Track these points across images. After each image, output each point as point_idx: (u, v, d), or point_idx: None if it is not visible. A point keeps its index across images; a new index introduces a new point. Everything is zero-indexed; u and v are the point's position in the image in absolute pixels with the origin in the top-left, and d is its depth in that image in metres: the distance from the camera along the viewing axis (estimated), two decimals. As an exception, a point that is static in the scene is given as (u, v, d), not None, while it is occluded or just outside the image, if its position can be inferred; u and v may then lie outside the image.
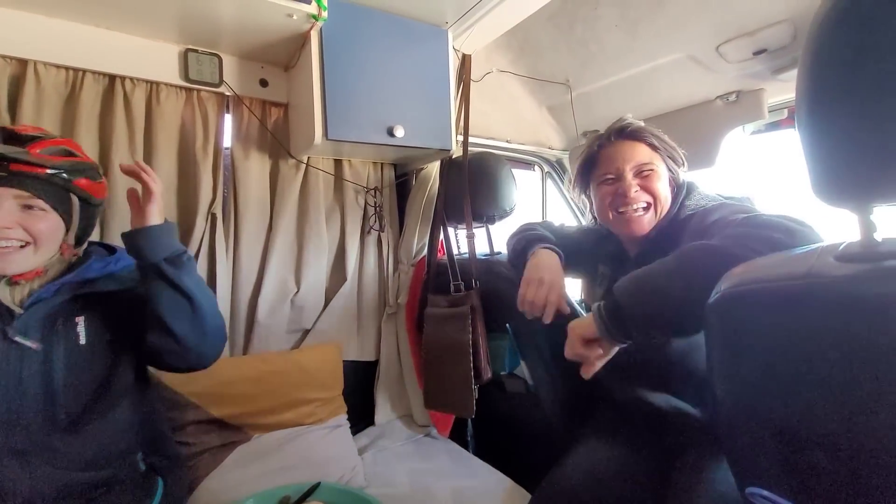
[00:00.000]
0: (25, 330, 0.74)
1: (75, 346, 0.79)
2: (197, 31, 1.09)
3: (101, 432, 0.80)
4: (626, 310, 0.73)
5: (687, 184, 0.99)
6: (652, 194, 0.94)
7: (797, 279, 0.46)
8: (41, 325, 0.76)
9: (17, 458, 0.72)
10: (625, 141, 0.98)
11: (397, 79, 1.19)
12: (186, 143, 1.17)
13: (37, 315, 0.76)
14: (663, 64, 1.43)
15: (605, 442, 1.02)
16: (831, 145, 0.44)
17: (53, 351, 0.76)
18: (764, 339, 0.48)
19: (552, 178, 2.05)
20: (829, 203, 0.46)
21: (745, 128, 1.49)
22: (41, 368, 0.75)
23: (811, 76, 0.45)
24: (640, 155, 0.96)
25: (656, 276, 0.73)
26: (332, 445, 1.24)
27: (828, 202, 0.46)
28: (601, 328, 0.75)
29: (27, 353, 0.74)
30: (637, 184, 0.94)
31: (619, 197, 0.96)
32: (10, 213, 0.72)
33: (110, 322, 0.84)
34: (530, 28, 1.48)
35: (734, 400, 0.55)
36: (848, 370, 0.41)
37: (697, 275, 0.67)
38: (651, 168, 0.95)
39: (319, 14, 1.01)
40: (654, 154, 0.96)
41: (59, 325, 0.78)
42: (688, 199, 0.95)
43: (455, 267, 1.34)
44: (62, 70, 1.02)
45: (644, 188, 0.94)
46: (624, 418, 1.04)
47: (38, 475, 0.73)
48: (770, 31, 1.18)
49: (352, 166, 1.45)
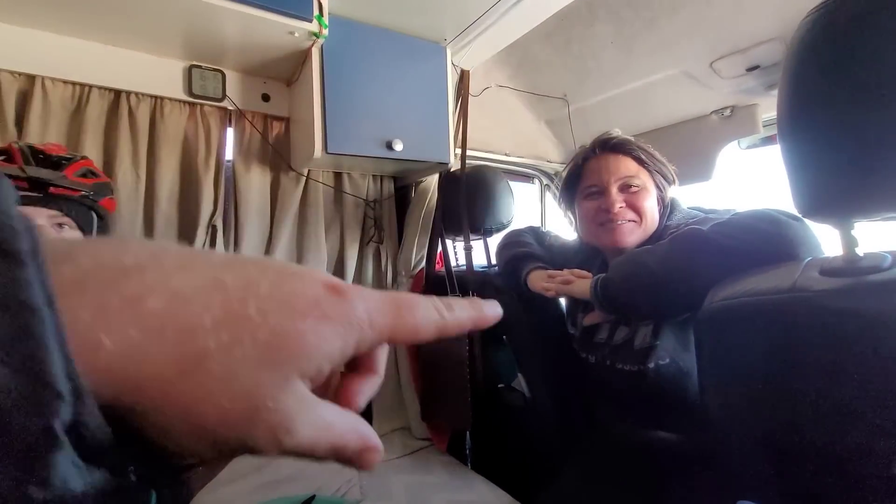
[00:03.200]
0: None
1: None
2: (201, 48, 1.11)
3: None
4: (616, 284, 0.80)
5: (671, 200, 0.96)
6: (638, 211, 0.91)
7: (782, 293, 0.47)
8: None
9: None
10: (610, 154, 0.95)
11: (396, 94, 1.21)
12: (189, 156, 1.19)
13: None
14: (658, 80, 1.45)
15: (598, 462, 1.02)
16: (811, 161, 0.45)
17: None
18: (753, 350, 0.49)
19: (551, 190, 2.07)
20: (811, 218, 0.47)
21: (741, 142, 1.51)
22: None
23: (791, 92, 0.46)
24: (626, 168, 0.93)
25: (648, 257, 0.77)
26: (328, 458, 1.23)
27: (809, 217, 0.47)
28: (593, 295, 0.84)
29: None
30: (623, 199, 0.91)
31: (601, 212, 0.93)
32: (45, 232, 0.75)
33: None
34: (528, 45, 1.51)
35: (725, 412, 0.55)
36: (832, 382, 0.42)
37: (684, 260, 0.71)
38: (637, 184, 0.92)
39: (320, 32, 1.03)
40: (640, 169, 0.93)
41: None
42: (669, 220, 0.93)
43: (453, 279, 1.35)
44: (69, 85, 1.05)
45: (630, 205, 0.91)
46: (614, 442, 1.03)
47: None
48: (762, 49, 1.20)
49: (351, 179, 1.46)
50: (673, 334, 0.85)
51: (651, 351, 0.86)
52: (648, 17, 1.29)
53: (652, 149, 0.96)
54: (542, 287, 0.98)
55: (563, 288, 0.93)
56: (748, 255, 0.62)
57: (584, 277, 0.90)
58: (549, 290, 0.96)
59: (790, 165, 0.46)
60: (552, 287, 0.95)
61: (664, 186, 0.95)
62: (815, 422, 0.44)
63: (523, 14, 1.16)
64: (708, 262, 0.66)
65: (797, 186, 0.46)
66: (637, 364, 0.88)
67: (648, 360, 0.86)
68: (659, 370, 0.85)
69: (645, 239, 0.93)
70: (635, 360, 0.88)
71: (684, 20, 1.25)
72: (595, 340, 0.98)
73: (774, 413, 0.48)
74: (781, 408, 0.47)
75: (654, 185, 0.94)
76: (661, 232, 0.92)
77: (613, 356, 0.93)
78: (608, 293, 0.81)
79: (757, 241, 0.63)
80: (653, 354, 0.86)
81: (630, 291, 0.78)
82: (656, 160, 0.95)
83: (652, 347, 0.86)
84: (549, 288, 0.96)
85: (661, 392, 0.87)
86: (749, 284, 0.52)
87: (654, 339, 0.86)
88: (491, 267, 1.40)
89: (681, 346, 0.85)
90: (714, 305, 0.55)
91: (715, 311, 0.54)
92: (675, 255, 0.72)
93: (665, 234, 0.89)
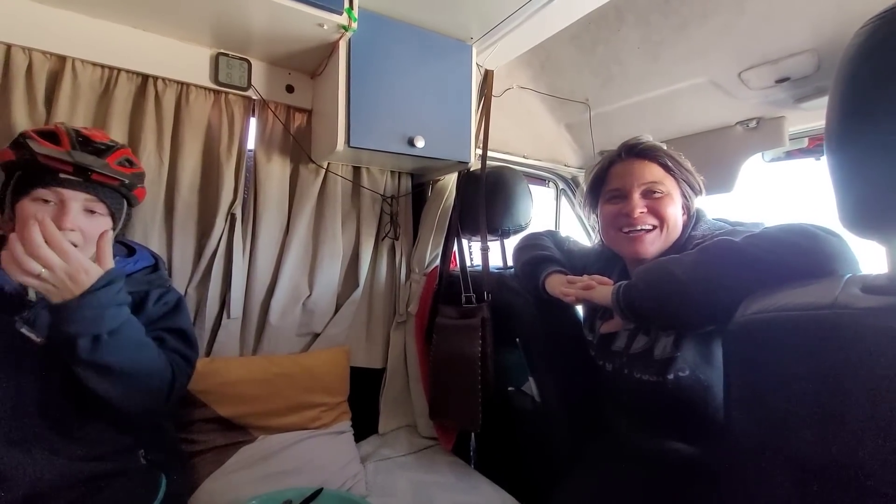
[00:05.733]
0: (33, 322, 0.75)
1: None
2: (229, 36, 1.12)
3: (97, 430, 0.81)
4: (640, 291, 0.78)
5: (696, 211, 0.94)
6: (659, 217, 0.89)
7: (822, 308, 0.46)
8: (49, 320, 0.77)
9: (20, 447, 0.73)
10: (636, 159, 0.94)
11: (421, 91, 1.21)
12: (211, 143, 1.20)
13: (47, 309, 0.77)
14: (684, 87, 1.43)
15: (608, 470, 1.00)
16: (860, 175, 0.44)
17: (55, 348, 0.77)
18: (788, 367, 0.48)
19: (566, 195, 2.06)
20: (855, 234, 0.46)
21: (764, 155, 1.49)
22: (41, 363, 0.76)
23: (842, 104, 0.45)
24: (651, 174, 0.91)
25: (675, 266, 0.75)
26: (335, 451, 1.23)
27: (854, 232, 0.46)
28: (614, 301, 0.81)
29: (30, 345, 0.75)
30: (645, 204, 0.90)
31: (622, 217, 0.92)
32: (77, 216, 0.78)
33: None
34: (552, 47, 1.50)
35: (753, 429, 0.54)
36: (874, 405, 0.41)
37: (714, 270, 0.69)
38: (662, 190, 0.90)
39: (350, 25, 1.03)
40: (667, 176, 0.92)
41: None
42: (695, 230, 0.91)
43: (467, 279, 1.34)
44: (98, 68, 1.05)
45: (651, 210, 0.90)
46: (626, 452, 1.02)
47: (41, 463, 0.73)
48: (794, 60, 1.18)
49: (370, 174, 1.46)
50: (694, 346, 0.84)
51: (671, 362, 0.84)
52: (677, 24, 1.27)
53: (682, 157, 0.94)
54: (562, 292, 0.97)
55: (583, 293, 0.91)
56: (781, 269, 0.60)
57: (606, 284, 0.89)
58: (569, 296, 0.94)
59: (837, 176, 0.45)
60: (572, 293, 0.93)
61: (690, 196, 0.94)
62: (855, 447, 0.43)
63: (552, 15, 1.16)
64: (738, 273, 0.64)
65: (843, 199, 0.45)
66: (656, 374, 0.86)
67: (668, 372, 0.84)
68: (679, 382, 0.84)
69: (667, 248, 0.91)
70: (654, 371, 0.87)
71: (714, 28, 1.23)
72: (612, 348, 0.97)
73: (805, 434, 0.47)
74: (818, 429, 0.46)
75: (679, 193, 0.92)
76: (685, 242, 0.90)
77: (631, 365, 0.92)
78: (630, 300, 0.79)
79: (792, 255, 0.61)
80: (673, 366, 0.84)
81: (653, 299, 0.77)
82: (684, 169, 0.93)
83: (672, 359, 0.84)
84: (568, 293, 0.94)
85: (678, 404, 0.86)
86: (785, 298, 0.51)
87: (675, 349, 0.84)
88: (507, 268, 1.39)
89: (702, 359, 0.84)
90: (746, 318, 0.53)
91: (747, 323, 0.53)
92: (705, 264, 0.71)
93: (689, 244, 0.88)
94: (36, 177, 0.77)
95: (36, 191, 0.77)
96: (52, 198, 0.77)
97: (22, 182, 0.78)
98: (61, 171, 0.77)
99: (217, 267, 1.21)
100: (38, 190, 0.77)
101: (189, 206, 1.17)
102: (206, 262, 1.19)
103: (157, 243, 1.13)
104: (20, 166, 0.78)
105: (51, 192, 0.77)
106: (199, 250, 1.20)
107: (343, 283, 1.45)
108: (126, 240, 0.99)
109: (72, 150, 0.77)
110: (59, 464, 0.75)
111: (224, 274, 1.23)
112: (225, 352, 1.25)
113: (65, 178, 0.77)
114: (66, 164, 0.77)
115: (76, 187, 0.78)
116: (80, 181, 0.78)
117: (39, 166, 0.76)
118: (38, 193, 0.77)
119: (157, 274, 0.94)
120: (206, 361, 1.18)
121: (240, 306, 1.26)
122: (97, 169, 0.79)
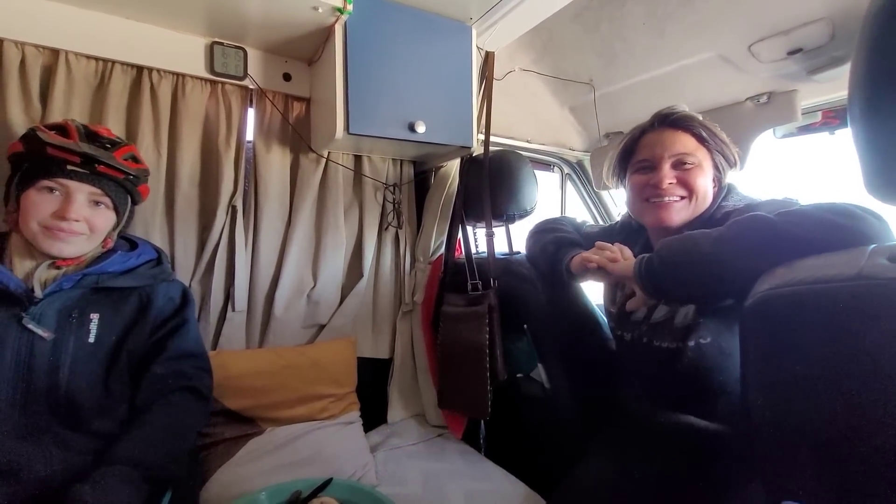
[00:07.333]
0: (40, 318, 0.76)
1: (84, 343, 0.80)
2: (223, 24, 1.10)
3: (106, 424, 0.82)
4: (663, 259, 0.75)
5: (728, 184, 0.91)
6: (688, 188, 0.86)
7: (846, 280, 0.43)
8: (56, 316, 0.78)
9: (30, 440, 0.74)
10: (668, 129, 0.89)
11: (420, 74, 1.18)
12: (210, 135, 1.18)
13: (54, 305, 0.78)
14: (692, 64, 1.39)
15: (622, 452, 0.99)
16: (887, 140, 0.41)
17: (63, 343, 0.78)
18: (810, 346, 0.45)
19: (572, 179, 2.02)
20: (883, 200, 0.43)
21: (776, 131, 1.44)
22: (49, 359, 0.77)
23: (867, 69, 0.42)
24: (683, 145, 0.87)
25: (701, 237, 0.72)
26: (344, 442, 1.23)
27: (882, 199, 0.43)
28: (636, 272, 0.79)
29: (38, 341, 0.76)
30: (674, 175, 0.86)
31: (649, 187, 0.88)
32: (82, 207, 0.80)
33: (120, 322, 0.86)
34: (554, 26, 1.46)
35: (770, 411, 0.52)
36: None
37: (744, 244, 0.66)
38: (693, 161, 0.86)
39: (345, 7, 1.00)
40: (700, 147, 0.87)
41: (74, 319, 0.80)
42: (725, 200, 0.87)
43: (473, 266, 1.32)
44: (92, 60, 1.04)
45: (681, 181, 0.86)
46: (641, 429, 1.00)
47: (51, 456, 0.74)
48: (806, 30, 1.13)
49: (371, 162, 1.44)
50: (717, 314, 0.82)
51: (693, 329, 0.83)
52: (684, -4, 1.23)
53: (717, 128, 0.90)
54: (584, 257, 0.93)
55: (605, 263, 0.88)
56: (816, 247, 0.56)
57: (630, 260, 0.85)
58: (592, 262, 0.90)
59: (861, 142, 0.43)
60: (596, 259, 0.90)
61: (724, 168, 0.89)
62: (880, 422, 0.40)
63: (554, -8, 1.12)
64: (770, 250, 0.60)
65: (868, 164, 0.43)
66: (676, 341, 0.85)
67: (689, 338, 0.83)
68: (700, 349, 0.82)
69: (693, 218, 0.88)
70: (674, 337, 0.85)
71: (722, -1, 1.19)
72: (633, 319, 0.95)
73: (828, 412, 0.45)
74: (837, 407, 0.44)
75: (711, 164, 0.88)
76: (714, 212, 0.87)
77: (651, 333, 0.90)
78: (653, 270, 0.76)
79: (828, 234, 0.57)
80: (695, 332, 0.82)
81: (677, 271, 0.73)
82: (719, 140, 0.88)
83: (695, 325, 0.82)
84: (591, 259, 0.90)
85: (697, 373, 0.84)
86: (804, 271, 0.48)
87: (698, 316, 0.82)
88: (513, 254, 1.37)
89: (724, 327, 0.82)
90: (763, 294, 0.51)
91: (765, 300, 0.50)
92: (734, 238, 0.67)
93: (717, 215, 0.85)
94: (43, 168, 0.78)
95: (42, 181, 0.77)
96: (57, 188, 0.78)
97: (29, 174, 0.79)
98: (68, 162, 0.78)
99: (220, 260, 1.20)
100: (44, 180, 0.77)
101: (189, 199, 1.16)
102: (208, 256, 1.18)
103: (158, 238, 1.12)
104: (28, 158, 0.79)
105: (57, 183, 0.78)
106: (201, 244, 1.19)
107: (347, 274, 1.44)
108: (128, 235, 0.98)
109: (80, 141, 0.79)
110: (70, 457, 0.76)
111: (227, 267, 1.22)
112: (231, 345, 1.25)
113: (71, 169, 0.78)
114: (73, 155, 0.78)
115: (82, 179, 0.79)
116: (87, 173, 0.80)
117: (47, 158, 0.77)
118: (44, 183, 0.78)
119: (160, 267, 0.94)
120: (212, 355, 1.16)
121: (244, 299, 1.26)
122: (103, 160, 0.80)
